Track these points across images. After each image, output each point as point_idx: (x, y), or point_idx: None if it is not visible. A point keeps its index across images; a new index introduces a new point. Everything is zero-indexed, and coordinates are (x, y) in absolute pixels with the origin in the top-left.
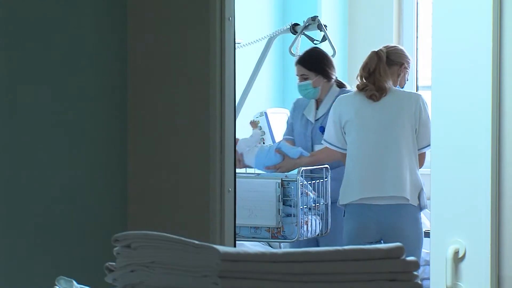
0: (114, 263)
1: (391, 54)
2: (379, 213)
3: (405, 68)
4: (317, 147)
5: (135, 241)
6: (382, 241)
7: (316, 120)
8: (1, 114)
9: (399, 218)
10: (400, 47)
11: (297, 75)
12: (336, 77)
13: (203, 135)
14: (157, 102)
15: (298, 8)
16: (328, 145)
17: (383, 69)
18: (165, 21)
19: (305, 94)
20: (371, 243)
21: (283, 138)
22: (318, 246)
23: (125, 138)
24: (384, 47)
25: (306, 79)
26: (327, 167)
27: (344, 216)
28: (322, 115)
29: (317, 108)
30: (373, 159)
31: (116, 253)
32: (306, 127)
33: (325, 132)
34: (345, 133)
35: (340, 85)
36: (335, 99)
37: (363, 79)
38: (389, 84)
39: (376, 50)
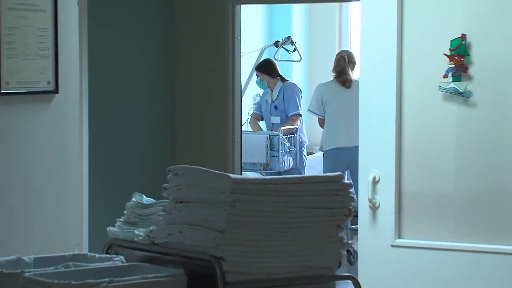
0: (167, 185)
1: (349, 56)
2: (347, 154)
3: (355, 64)
4: (273, 118)
5: (180, 171)
6: (348, 171)
7: (272, 102)
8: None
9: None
10: (351, 51)
11: (261, 77)
12: (280, 75)
13: (222, 108)
14: (191, 83)
15: (279, 30)
16: (312, 114)
17: (348, 66)
18: (198, 39)
19: (260, 85)
20: (343, 172)
21: (253, 112)
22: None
23: (174, 108)
24: (343, 51)
25: (258, 76)
26: (297, 127)
27: (323, 157)
28: (276, 99)
29: (271, 95)
30: (344, 122)
31: (169, 178)
32: (267, 106)
33: (310, 105)
34: (325, 106)
35: (283, 79)
36: (280, 88)
37: (338, 74)
38: (353, 76)
39: (341, 54)
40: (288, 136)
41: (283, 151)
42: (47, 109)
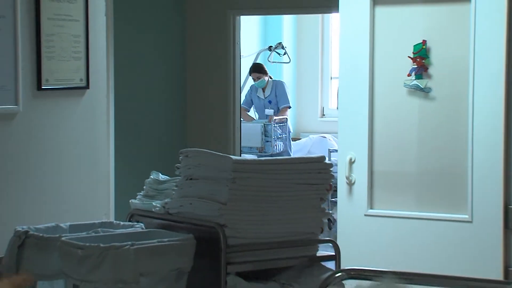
0: (179, 164)
1: None
2: None
3: None
4: (268, 111)
5: (190, 153)
6: None
7: (265, 98)
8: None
9: None
10: None
11: (253, 77)
12: (270, 75)
13: (225, 101)
14: (199, 81)
15: (272, 36)
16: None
17: None
18: (206, 44)
19: (261, 85)
20: None
21: (241, 106)
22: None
23: (185, 103)
24: None
25: (260, 78)
26: (287, 117)
27: None
28: (269, 95)
29: (263, 91)
30: None
31: (180, 159)
32: (259, 101)
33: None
34: None
35: (271, 77)
36: (272, 86)
37: None
38: None
39: None
40: (280, 124)
41: (275, 137)
42: (80, 102)
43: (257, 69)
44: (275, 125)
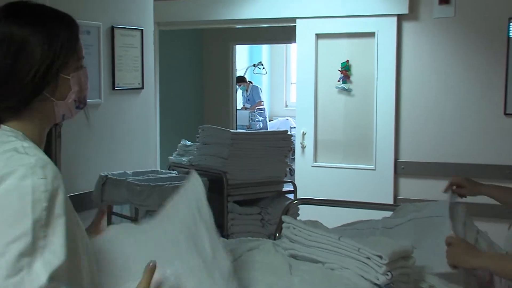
0: (198, 135)
1: None
2: None
3: None
4: (247, 105)
5: (205, 128)
6: None
7: (247, 96)
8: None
9: None
10: None
11: (238, 84)
12: (250, 81)
13: (226, 98)
14: (211, 86)
15: (255, 57)
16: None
17: None
18: (214, 63)
19: (243, 89)
20: None
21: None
22: None
23: (203, 100)
24: None
25: (241, 85)
26: (264, 107)
27: None
28: (249, 94)
29: (247, 92)
30: None
31: (199, 132)
32: (244, 99)
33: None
34: None
35: (251, 83)
36: (251, 89)
37: None
38: None
39: None
40: (259, 112)
41: (257, 119)
42: (138, 97)
43: (240, 79)
44: (256, 112)
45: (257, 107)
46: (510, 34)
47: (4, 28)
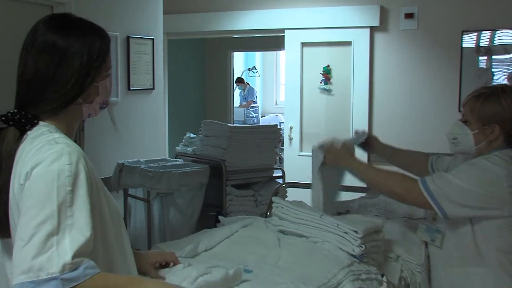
0: (201, 128)
1: None
2: None
3: None
4: (243, 103)
5: (207, 122)
6: None
7: (244, 95)
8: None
9: None
10: None
11: (237, 85)
12: (247, 83)
13: (225, 97)
14: (211, 86)
15: (250, 62)
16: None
17: None
18: (214, 67)
19: (241, 89)
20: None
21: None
22: None
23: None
24: None
25: (239, 85)
26: (258, 105)
27: None
28: (245, 94)
29: (244, 92)
30: None
31: (202, 125)
32: (241, 98)
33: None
34: None
35: (248, 84)
36: (247, 89)
37: None
38: None
39: None
40: (253, 109)
41: (251, 115)
42: (149, 96)
43: (242, 81)
44: (251, 109)
45: (251, 105)
46: (463, 44)
47: (47, 37)
